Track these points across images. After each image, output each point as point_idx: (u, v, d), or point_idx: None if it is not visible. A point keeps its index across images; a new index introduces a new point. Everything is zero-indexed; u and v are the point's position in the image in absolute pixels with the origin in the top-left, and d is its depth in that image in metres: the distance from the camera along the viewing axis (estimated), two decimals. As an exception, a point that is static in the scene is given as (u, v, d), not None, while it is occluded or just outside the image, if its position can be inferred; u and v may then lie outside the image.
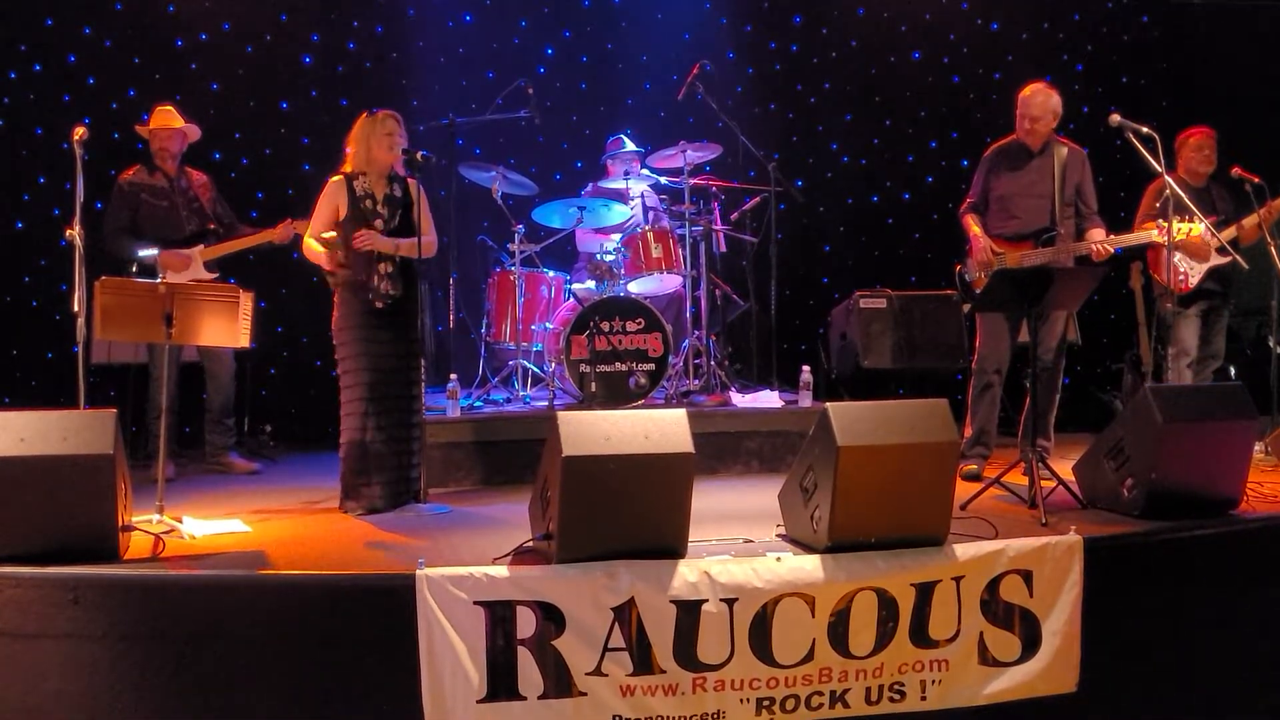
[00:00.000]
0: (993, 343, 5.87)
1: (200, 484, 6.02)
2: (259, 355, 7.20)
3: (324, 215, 5.16)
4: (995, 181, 5.90)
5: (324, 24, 7.98)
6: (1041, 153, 5.80)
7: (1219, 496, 4.52)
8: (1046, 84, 5.85)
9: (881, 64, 8.73)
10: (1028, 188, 5.79)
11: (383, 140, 5.10)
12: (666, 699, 3.67)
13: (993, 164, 5.94)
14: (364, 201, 5.11)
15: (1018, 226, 5.79)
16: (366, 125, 5.14)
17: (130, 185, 6.25)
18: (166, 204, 6.26)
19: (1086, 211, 5.82)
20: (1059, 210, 5.71)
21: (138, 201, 6.22)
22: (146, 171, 6.31)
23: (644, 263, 6.64)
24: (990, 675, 3.92)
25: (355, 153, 5.15)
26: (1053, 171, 5.73)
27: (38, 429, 3.75)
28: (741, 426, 6.17)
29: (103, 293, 4.46)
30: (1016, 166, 5.84)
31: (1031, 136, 5.79)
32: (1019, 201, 5.80)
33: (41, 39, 7.49)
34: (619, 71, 8.42)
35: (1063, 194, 5.73)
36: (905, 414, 3.89)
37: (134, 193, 6.23)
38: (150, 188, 6.27)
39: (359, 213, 5.10)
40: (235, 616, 3.65)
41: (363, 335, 5.03)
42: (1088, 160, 5.85)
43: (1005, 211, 5.85)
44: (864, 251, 8.62)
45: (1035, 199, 5.77)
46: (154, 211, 6.23)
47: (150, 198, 6.24)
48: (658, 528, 3.76)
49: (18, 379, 7.41)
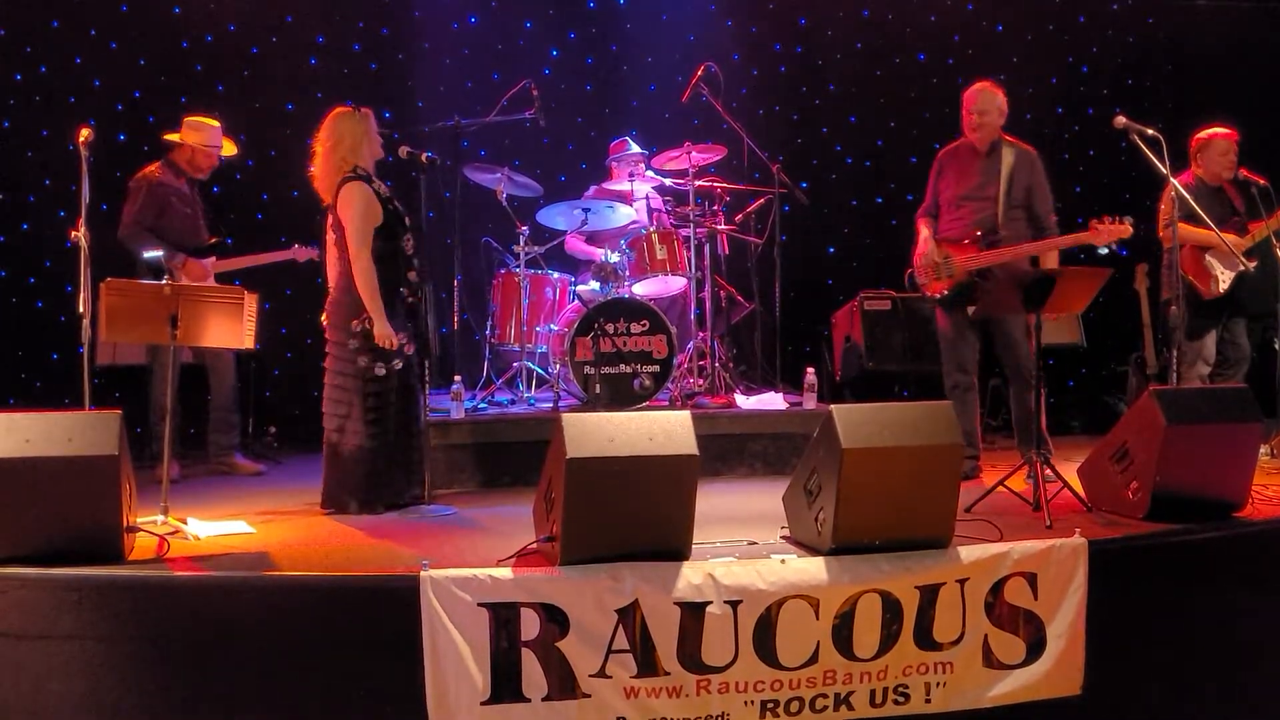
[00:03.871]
0: (949, 346, 5.90)
1: (205, 485, 6.03)
2: (263, 357, 7.20)
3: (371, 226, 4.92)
4: (943, 183, 5.94)
5: (329, 25, 8.00)
6: (989, 154, 5.79)
7: (1224, 499, 4.50)
8: (992, 82, 5.84)
9: (886, 66, 8.73)
10: (975, 189, 5.79)
11: (376, 139, 5.09)
12: (670, 701, 3.66)
13: (942, 166, 5.97)
14: (389, 204, 5.05)
15: (962, 229, 5.80)
16: (358, 123, 5.04)
17: (161, 185, 6.21)
18: (190, 211, 6.29)
19: (1041, 218, 5.72)
20: (1004, 212, 5.69)
21: (166, 204, 6.20)
22: (173, 174, 6.30)
23: (649, 264, 6.64)
24: (995, 678, 3.91)
25: (349, 148, 5.02)
26: (999, 172, 5.72)
27: (43, 430, 3.75)
28: (746, 428, 6.17)
29: (108, 294, 4.46)
30: (964, 168, 5.85)
31: (978, 134, 5.77)
32: (965, 203, 5.81)
33: (47, 41, 7.51)
34: (624, 73, 8.43)
35: (1009, 195, 5.70)
36: (910, 416, 3.89)
37: (164, 194, 6.20)
38: (178, 192, 6.27)
39: (390, 216, 5.00)
40: (239, 618, 3.65)
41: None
42: (1039, 161, 5.80)
43: (952, 213, 5.87)
44: (868, 253, 8.62)
45: (981, 200, 5.76)
46: (179, 216, 6.23)
47: (178, 202, 6.24)
48: (662, 530, 3.76)
49: (23, 380, 7.43)
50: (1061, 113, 8.86)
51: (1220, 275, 6.14)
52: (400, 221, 5.05)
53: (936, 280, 5.85)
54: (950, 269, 5.76)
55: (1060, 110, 8.86)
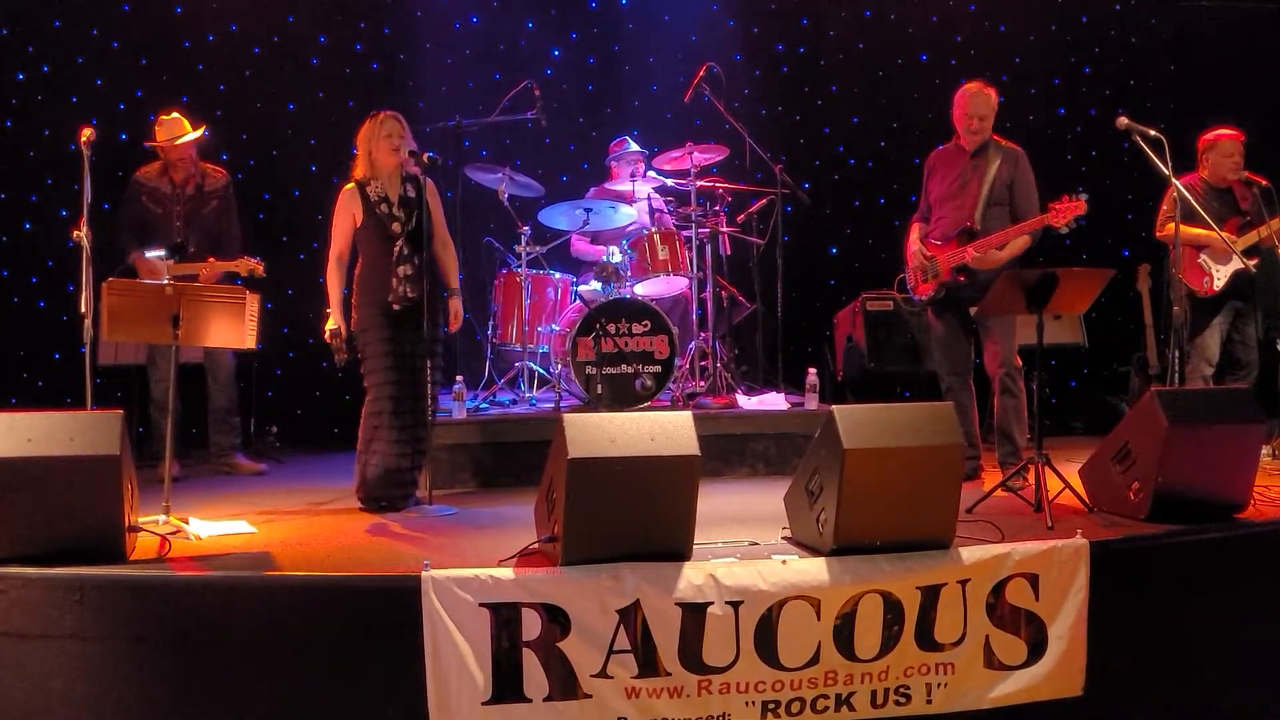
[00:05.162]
0: (941, 347, 5.90)
1: (206, 485, 6.03)
2: (265, 356, 7.20)
3: (343, 228, 5.17)
4: (932, 185, 5.96)
5: (331, 25, 8.00)
6: (976, 154, 5.78)
7: (1226, 500, 4.50)
8: (983, 82, 5.82)
9: (888, 66, 8.72)
10: (959, 189, 5.79)
11: (383, 142, 5.11)
12: (672, 701, 3.66)
13: (931, 168, 5.99)
14: (379, 206, 5.11)
15: (946, 227, 5.80)
16: (369, 128, 5.15)
17: (136, 184, 6.27)
18: (160, 210, 6.26)
19: (1023, 216, 5.63)
20: (983, 209, 5.68)
21: (136, 200, 6.25)
22: (157, 172, 6.32)
23: (650, 265, 6.64)
24: (996, 679, 3.91)
25: (361, 157, 5.16)
26: (983, 171, 5.72)
27: (44, 430, 3.75)
28: (747, 429, 6.17)
29: (110, 294, 4.47)
30: (951, 169, 5.85)
31: (975, 136, 5.76)
32: (949, 203, 5.81)
33: (49, 40, 7.52)
34: (626, 73, 8.42)
35: (990, 192, 5.69)
36: (911, 417, 3.89)
37: (137, 191, 6.26)
38: (152, 190, 6.28)
39: (376, 218, 5.10)
40: (241, 617, 3.66)
41: (382, 336, 5.05)
42: (1025, 159, 5.77)
43: (939, 213, 5.88)
44: (870, 254, 8.60)
45: (964, 199, 5.76)
46: (146, 214, 6.25)
47: (148, 200, 6.26)
48: (663, 530, 3.76)
49: (25, 380, 7.43)
50: (1064, 113, 8.85)
51: (1215, 273, 6.14)
52: (388, 223, 5.10)
53: (924, 282, 5.86)
54: (935, 269, 5.77)
55: (1062, 111, 8.85)
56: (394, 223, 5.10)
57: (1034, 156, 5.84)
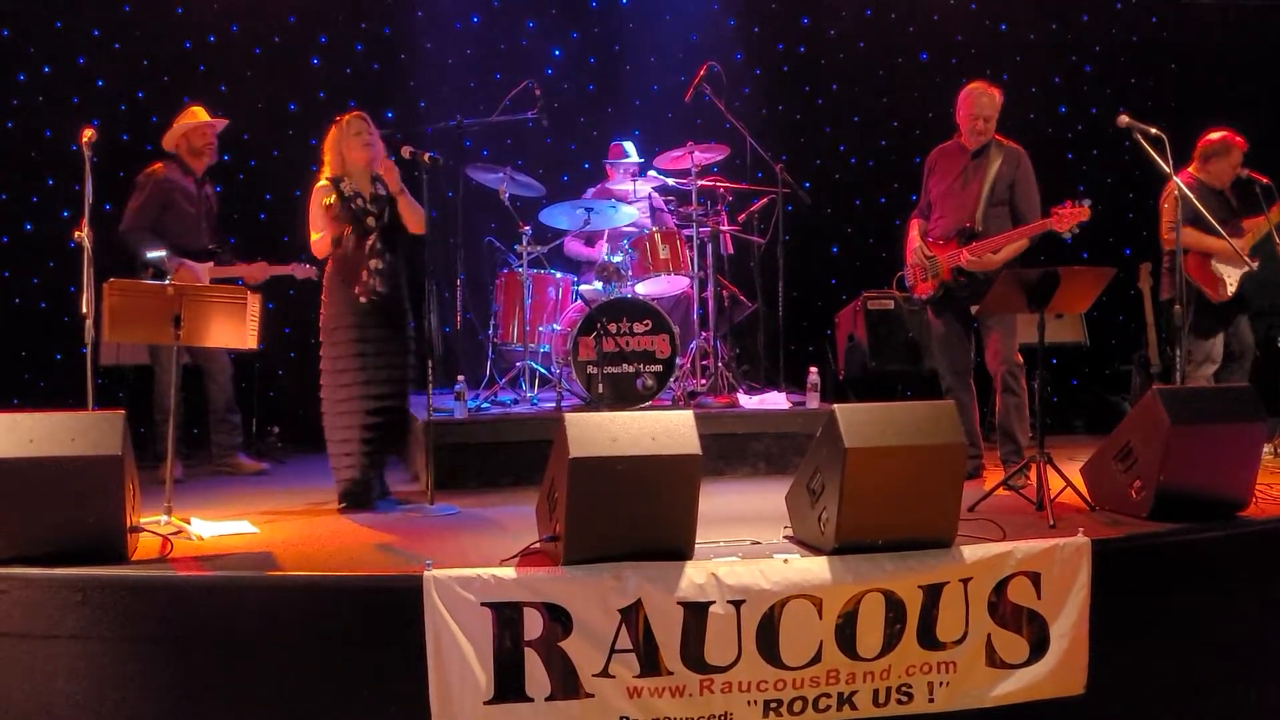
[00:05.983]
0: (941, 346, 5.90)
1: (208, 485, 6.04)
2: (266, 357, 7.20)
3: (326, 214, 5.20)
4: (933, 182, 5.95)
5: (332, 26, 8.00)
6: (978, 153, 5.77)
7: (1228, 499, 4.50)
8: (987, 83, 5.81)
9: (889, 65, 8.72)
10: (959, 188, 5.78)
11: (353, 140, 5.17)
12: (674, 700, 3.66)
13: (932, 166, 5.98)
14: (354, 201, 5.16)
15: (946, 226, 5.80)
16: (336, 132, 5.21)
17: (168, 181, 6.19)
18: (194, 211, 6.24)
19: (1024, 216, 5.64)
20: (984, 210, 5.68)
21: (171, 201, 6.17)
22: (180, 171, 6.28)
23: (651, 264, 6.64)
24: (998, 677, 3.91)
25: (331, 160, 5.21)
26: (985, 171, 5.71)
27: (46, 430, 3.76)
28: (749, 428, 6.17)
29: (111, 294, 4.47)
30: (952, 167, 5.85)
31: (980, 137, 5.75)
32: (949, 202, 5.81)
33: (50, 41, 7.52)
34: (626, 73, 8.43)
35: (992, 192, 5.69)
36: (912, 416, 3.89)
37: (169, 190, 6.18)
38: (183, 190, 6.24)
39: (351, 213, 5.15)
40: (243, 617, 3.66)
41: (353, 335, 5.06)
42: (1026, 159, 5.77)
43: (939, 212, 5.88)
44: (871, 253, 8.60)
45: (964, 198, 5.75)
46: (182, 216, 6.20)
47: (183, 200, 6.21)
48: (665, 529, 3.76)
49: (26, 380, 7.43)
50: (1065, 112, 8.85)
51: (1228, 279, 6.11)
52: (362, 218, 5.13)
53: (923, 281, 5.86)
54: (935, 268, 5.76)
55: (1063, 109, 8.85)
56: (368, 217, 5.15)
57: (1035, 155, 5.84)
